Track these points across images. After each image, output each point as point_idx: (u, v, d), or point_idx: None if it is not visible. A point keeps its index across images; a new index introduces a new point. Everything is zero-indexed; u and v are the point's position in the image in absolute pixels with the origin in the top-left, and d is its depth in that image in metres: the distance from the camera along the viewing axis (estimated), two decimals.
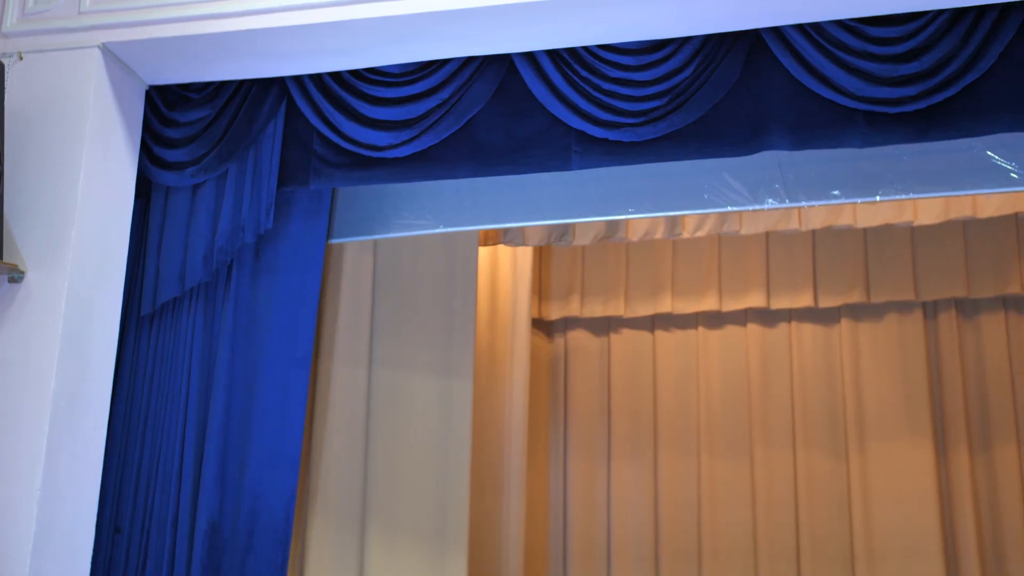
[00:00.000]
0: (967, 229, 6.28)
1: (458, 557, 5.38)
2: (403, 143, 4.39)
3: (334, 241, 4.90)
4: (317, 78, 4.51)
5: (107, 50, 4.33)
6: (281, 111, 4.56)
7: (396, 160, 4.44)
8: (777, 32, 4.11)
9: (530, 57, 4.32)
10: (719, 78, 4.14)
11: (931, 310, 6.49)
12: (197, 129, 4.61)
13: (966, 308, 6.46)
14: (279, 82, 4.57)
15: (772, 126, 4.11)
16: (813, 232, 6.44)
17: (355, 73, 4.48)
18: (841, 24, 4.03)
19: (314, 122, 4.50)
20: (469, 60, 4.38)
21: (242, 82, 4.59)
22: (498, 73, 4.37)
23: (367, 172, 4.47)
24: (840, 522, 6.32)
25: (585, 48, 4.26)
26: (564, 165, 4.30)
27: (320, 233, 4.65)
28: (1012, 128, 3.96)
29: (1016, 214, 5.70)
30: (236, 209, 4.53)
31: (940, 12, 3.96)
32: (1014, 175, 4.36)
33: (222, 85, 4.62)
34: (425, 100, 4.40)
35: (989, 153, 4.38)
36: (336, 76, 4.50)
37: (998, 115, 3.94)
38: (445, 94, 4.38)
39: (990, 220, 5.88)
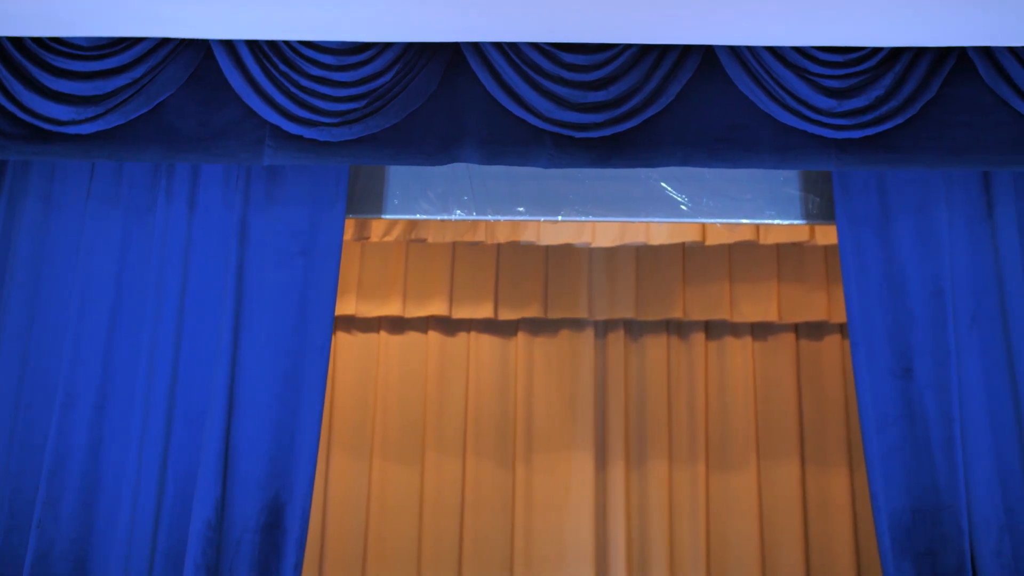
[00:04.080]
0: (639, 254, 6.61)
1: None
2: (86, 120, 4.21)
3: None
4: None
5: None
6: None
7: (78, 137, 4.25)
8: (476, 48, 4.21)
9: (229, 45, 4.24)
10: (417, 86, 4.20)
11: (601, 329, 6.78)
12: None
13: (633, 329, 6.78)
14: None
15: (465, 139, 4.21)
16: (498, 246, 6.59)
17: (39, 41, 4.25)
18: (538, 47, 4.18)
19: None
20: (165, 41, 4.25)
21: None
22: (194, 58, 4.27)
23: (45, 147, 4.25)
24: (503, 529, 6.49)
25: (286, 42, 4.22)
26: (256, 158, 4.25)
27: (339, 215, 4.43)
28: (684, 163, 4.23)
29: (683, 243, 6.08)
30: None
31: (628, 47, 4.18)
32: (684, 207, 4.68)
33: None
34: (114, 78, 4.24)
35: (663, 184, 4.68)
36: (17, 42, 4.25)
37: (673, 149, 4.21)
38: (136, 73, 4.23)
39: (660, 247, 6.24)
